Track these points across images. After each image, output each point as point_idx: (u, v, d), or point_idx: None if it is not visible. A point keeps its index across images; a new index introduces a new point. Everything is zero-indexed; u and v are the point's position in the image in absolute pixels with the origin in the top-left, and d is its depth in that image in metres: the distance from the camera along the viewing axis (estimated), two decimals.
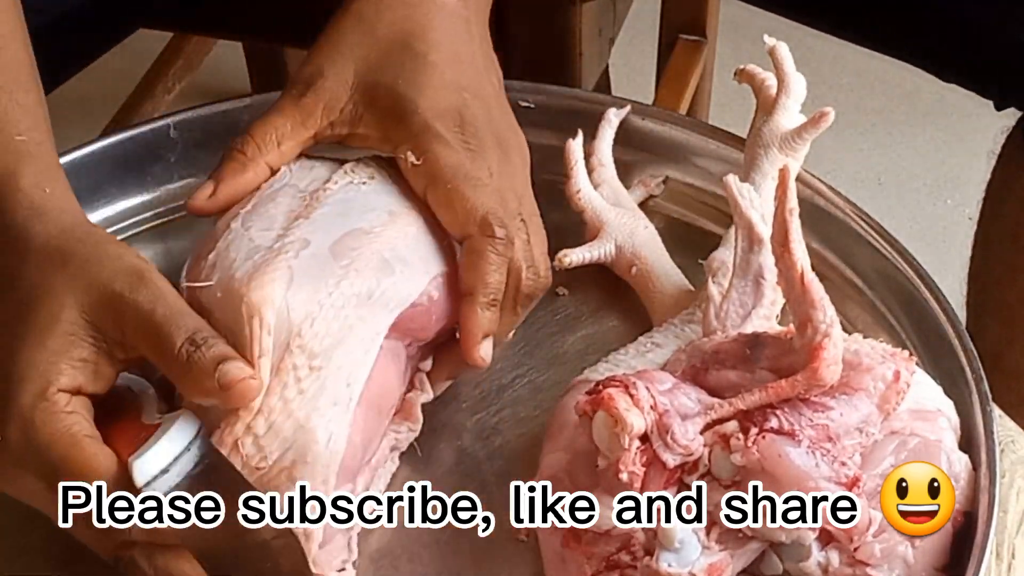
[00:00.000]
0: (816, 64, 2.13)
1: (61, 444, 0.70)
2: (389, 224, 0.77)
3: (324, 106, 0.82)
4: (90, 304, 0.72)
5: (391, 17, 0.83)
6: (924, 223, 2.06)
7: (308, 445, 0.71)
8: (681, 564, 0.71)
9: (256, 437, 0.71)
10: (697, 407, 0.72)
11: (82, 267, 0.73)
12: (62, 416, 0.71)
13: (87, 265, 0.73)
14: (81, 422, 0.71)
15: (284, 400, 0.72)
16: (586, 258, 0.91)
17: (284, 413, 0.71)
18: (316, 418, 0.72)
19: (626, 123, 0.97)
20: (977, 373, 0.80)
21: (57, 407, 0.71)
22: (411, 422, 0.80)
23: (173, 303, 0.73)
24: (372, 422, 0.76)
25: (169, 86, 1.78)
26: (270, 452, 0.71)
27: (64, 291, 0.72)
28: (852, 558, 0.72)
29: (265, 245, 0.75)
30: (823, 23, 1.20)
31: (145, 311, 0.72)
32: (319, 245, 0.74)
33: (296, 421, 0.71)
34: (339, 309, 0.73)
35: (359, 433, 0.75)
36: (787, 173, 0.73)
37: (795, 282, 0.72)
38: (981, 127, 1.99)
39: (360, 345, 0.74)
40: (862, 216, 0.90)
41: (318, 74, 0.82)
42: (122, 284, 0.72)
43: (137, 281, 0.73)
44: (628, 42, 1.63)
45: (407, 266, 0.76)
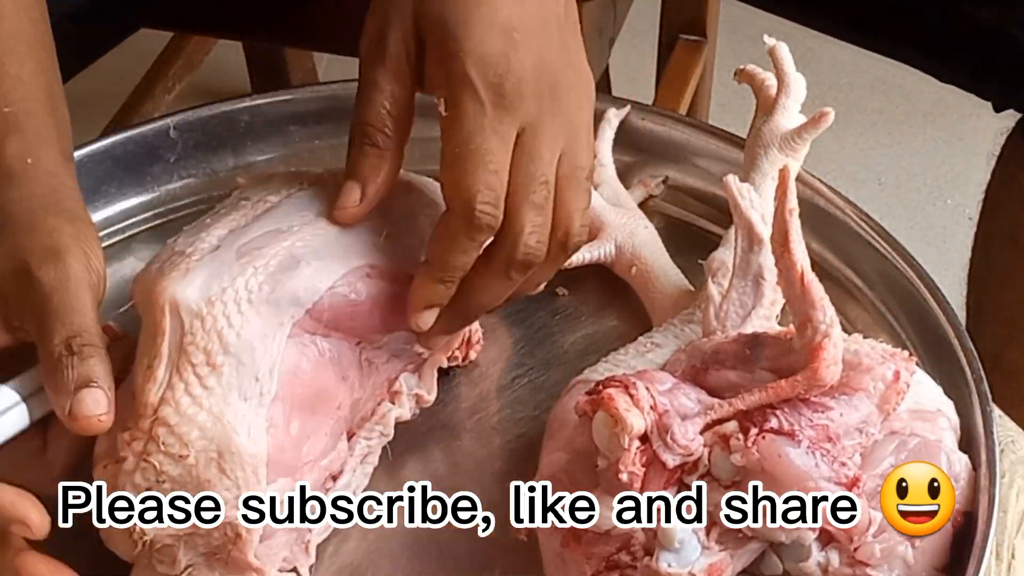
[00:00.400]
0: (816, 64, 2.13)
1: None
2: (310, 223, 0.76)
3: (405, 59, 0.75)
4: (3, 271, 0.71)
5: None
6: (924, 223, 2.06)
7: (228, 436, 0.70)
8: (681, 564, 0.71)
9: (170, 427, 0.70)
10: (697, 407, 0.72)
11: (15, 233, 0.72)
12: None
13: (19, 233, 0.72)
14: None
15: (191, 396, 0.70)
16: (586, 258, 0.91)
17: (195, 406, 0.71)
18: (229, 413, 0.71)
19: (626, 123, 0.97)
20: (977, 373, 0.80)
21: None
22: (383, 427, 0.80)
23: (73, 295, 0.71)
24: (305, 420, 0.75)
25: (169, 86, 1.78)
26: (191, 440, 0.70)
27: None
28: (852, 558, 0.72)
29: (179, 250, 0.75)
30: (823, 24, 1.21)
31: (43, 293, 0.70)
32: (227, 247, 0.74)
33: (210, 413, 0.70)
34: (236, 305, 0.72)
35: (286, 429, 0.73)
36: (787, 173, 0.73)
37: (795, 282, 0.72)
38: (981, 127, 1.99)
39: (263, 341, 0.72)
40: (862, 216, 0.90)
41: (386, 24, 0.75)
42: (36, 258, 0.71)
43: (50, 260, 0.71)
44: (628, 42, 1.63)
45: (318, 259, 0.74)
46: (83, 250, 0.72)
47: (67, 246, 0.72)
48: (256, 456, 0.71)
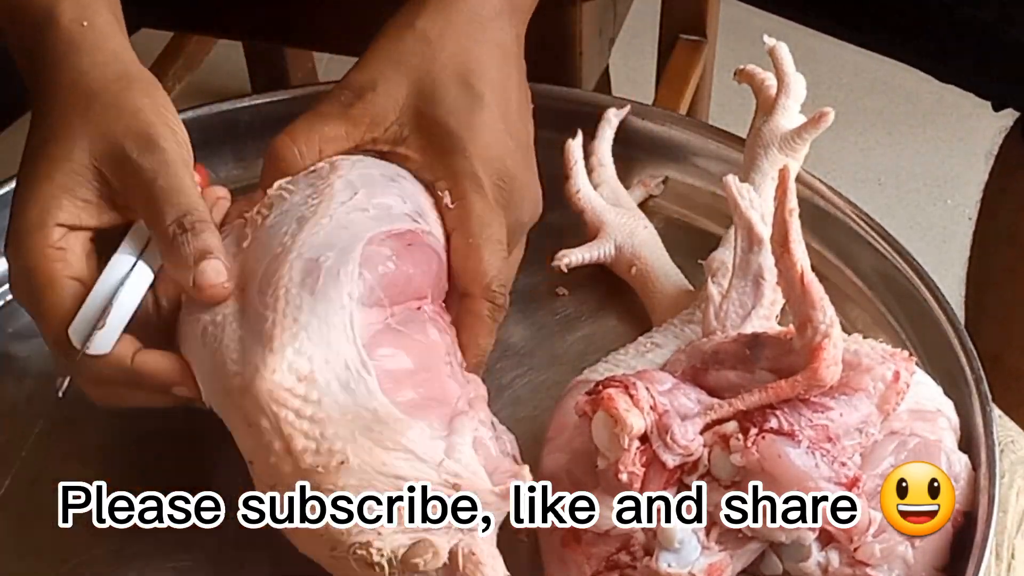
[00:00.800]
0: (816, 64, 2.13)
1: (38, 278, 0.75)
2: (298, 231, 0.76)
3: (371, 120, 0.81)
4: (100, 153, 0.76)
5: (454, 47, 0.82)
6: (924, 223, 2.06)
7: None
8: (681, 564, 0.71)
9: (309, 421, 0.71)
10: (697, 407, 0.72)
11: (101, 113, 0.76)
12: (50, 252, 0.75)
13: (106, 113, 0.76)
14: (68, 260, 0.75)
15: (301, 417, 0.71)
16: (586, 258, 0.91)
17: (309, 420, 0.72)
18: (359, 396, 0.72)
19: (626, 123, 0.97)
20: (977, 373, 0.80)
21: (49, 240, 0.75)
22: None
23: (175, 176, 0.75)
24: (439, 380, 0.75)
25: (169, 86, 1.78)
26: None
27: (80, 133, 0.76)
28: (852, 558, 0.72)
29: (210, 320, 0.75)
30: (823, 23, 1.20)
31: (146, 178, 0.75)
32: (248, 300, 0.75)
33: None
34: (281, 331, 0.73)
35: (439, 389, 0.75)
36: (787, 173, 0.73)
37: (795, 282, 0.72)
38: (981, 127, 1.99)
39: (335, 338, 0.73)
40: (862, 216, 0.90)
41: (370, 86, 0.81)
42: (131, 144, 0.75)
43: (146, 144, 0.75)
44: (628, 42, 1.63)
45: (330, 247, 0.75)
46: (170, 128, 0.77)
47: (157, 129, 0.76)
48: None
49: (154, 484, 0.76)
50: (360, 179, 0.79)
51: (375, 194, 0.79)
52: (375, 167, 0.81)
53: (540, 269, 0.92)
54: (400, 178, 0.81)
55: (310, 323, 0.72)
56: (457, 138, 0.80)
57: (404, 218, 0.78)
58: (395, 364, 0.74)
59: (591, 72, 1.27)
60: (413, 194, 0.80)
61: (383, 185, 0.80)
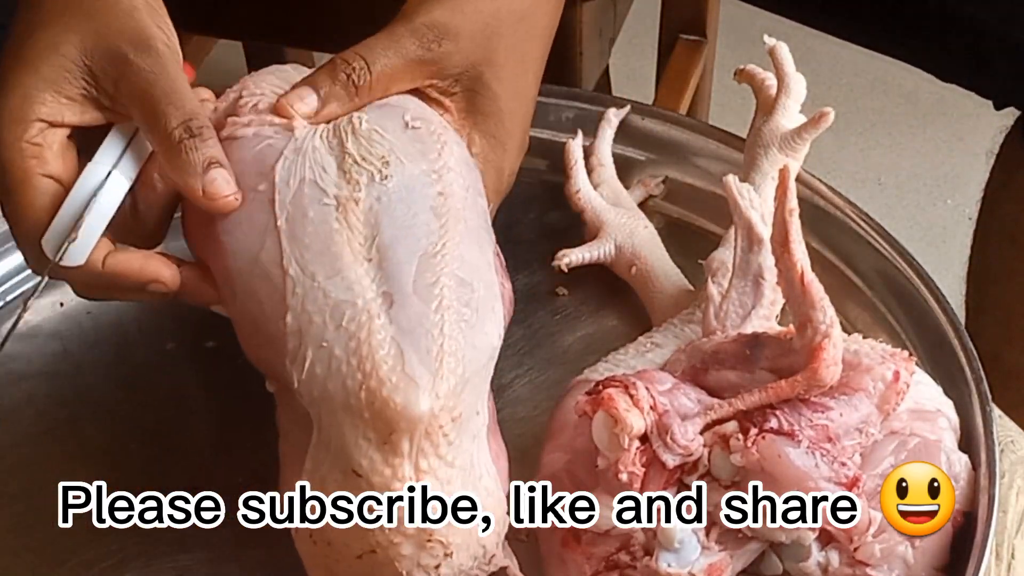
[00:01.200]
0: (816, 64, 2.13)
1: (13, 174, 0.72)
2: (442, 231, 0.73)
3: (439, 70, 0.79)
4: (92, 50, 0.73)
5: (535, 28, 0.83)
6: (924, 223, 2.06)
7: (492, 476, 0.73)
8: (681, 564, 0.71)
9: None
10: (697, 407, 0.72)
11: (94, 10, 0.74)
12: (26, 147, 0.72)
13: (99, 10, 0.74)
14: (44, 157, 0.72)
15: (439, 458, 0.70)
16: (586, 258, 0.91)
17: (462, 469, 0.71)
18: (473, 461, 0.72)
19: (626, 123, 0.97)
20: (977, 373, 0.80)
21: (27, 135, 0.72)
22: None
23: (175, 79, 0.73)
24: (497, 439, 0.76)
25: None
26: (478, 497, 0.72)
27: (71, 27, 0.73)
28: (852, 558, 0.72)
29: (346, 300, 0.70)
30: (823, 23, 1.20)
31: (146, 79, 0.73)
32: (401, 293, 0.70)
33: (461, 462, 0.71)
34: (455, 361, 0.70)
35: (496, 447, 0.75)
36: (787, 173, 0.73)
37: (795, 282, 0.72)
38: (981, 127, 1.99)
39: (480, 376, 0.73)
40: (862, 216, 0.90)
41: (453, 36, 0.79)
42: (128, 44, 0.73)
43: (144, 46, 0.73)
44: (628, 42, 1.63)
45: (479, 277, 0.73)
46: (164, 31, 0.75)
47: (152, 31, 0.74)
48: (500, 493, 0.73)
49: (154, 484, 0.76)
50: (465, 166, 0.77)
51: (478, 191, 0.77)
52: (460, 144, 0.79)
53: (540, 269, 0.92)
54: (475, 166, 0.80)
55: (467, 357, 0.70)
56: (504, 129, 0.81)
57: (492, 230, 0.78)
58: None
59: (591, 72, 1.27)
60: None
61: (477, 179, 0.79)
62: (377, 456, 0.69)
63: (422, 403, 0.68)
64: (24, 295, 0.92)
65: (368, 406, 0.68)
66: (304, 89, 0.78)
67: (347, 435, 0.69)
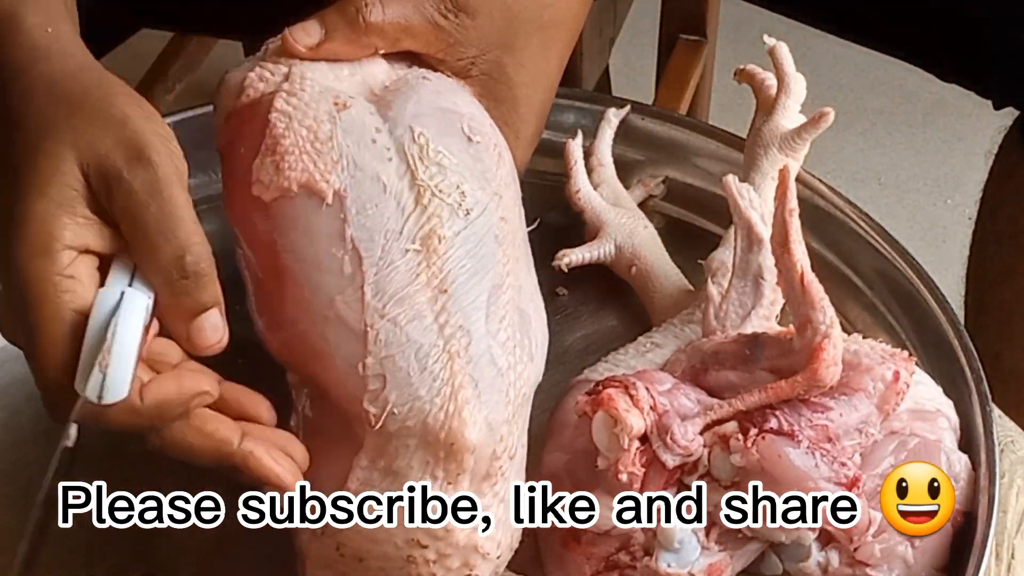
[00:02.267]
0: (816, 64, 2.12)
1: (43, 311, 0.66)
2: (505, 260, 0.73)
3: (454, 44, 0.79)
4: (88, 164, 0.68)
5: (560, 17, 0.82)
6: (924, 223, 2.06)
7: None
8: (680, 564, 0.71)
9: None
10: (697, 408, 0.72)
11: (86, 122, 0.69)
12: (58, 280, 0.66)
13: (92, 122, 0.69)
14: (75, 291, 0.67)
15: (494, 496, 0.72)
16: (586, 258, 0.91)
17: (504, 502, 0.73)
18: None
19: (626, 123, 0.97)
20: (977, 373, 0.80)
21: (57, 267, 0.66)
22: None
23: (169, 200, 0.68)
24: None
25: (169, 86, 1.78)
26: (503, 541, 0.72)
27: (67, 143, 0.68)
28: (852, 558, 0.72)
29: (430, 342, 0.70)
30: (823, 23, 1.20)
31: (137, 203, 0.68)
32: (477, 333, 0.71)
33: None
34: (523, 405, 0.73)
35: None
36: (787, 173, 0.73)
37: (795, 283, 0.72)
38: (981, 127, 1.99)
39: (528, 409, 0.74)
40: (862, 216, 0.90)
41: (472, 12, 0.78)
42: (121, 158, 0.68)
43: (135, 159, 0.68)
44: (628, 42, 1.63)
45: (532, 300, 0.75)
46: (161, 136, 0.70)
47: (147, 139, 0.69)
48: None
49: (154, 484, 0.76)
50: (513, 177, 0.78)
51: (518, 193, 0.78)
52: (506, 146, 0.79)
53: (540, 269, 0.92)
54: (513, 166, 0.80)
55: (524, 389, 0.72)
56: (518, 118, 0.80)
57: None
58: None
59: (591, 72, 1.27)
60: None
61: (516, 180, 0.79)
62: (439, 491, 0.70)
63: (491, 441, 0.70)
64: None
65: (446, 445, 0.69)
66: (310, 22, 0.77)
67: (415, 469, 0.70)
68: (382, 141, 0.73)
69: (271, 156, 0.72)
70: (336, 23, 0.77)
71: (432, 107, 0.75)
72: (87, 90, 0.70)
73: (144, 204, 0.67)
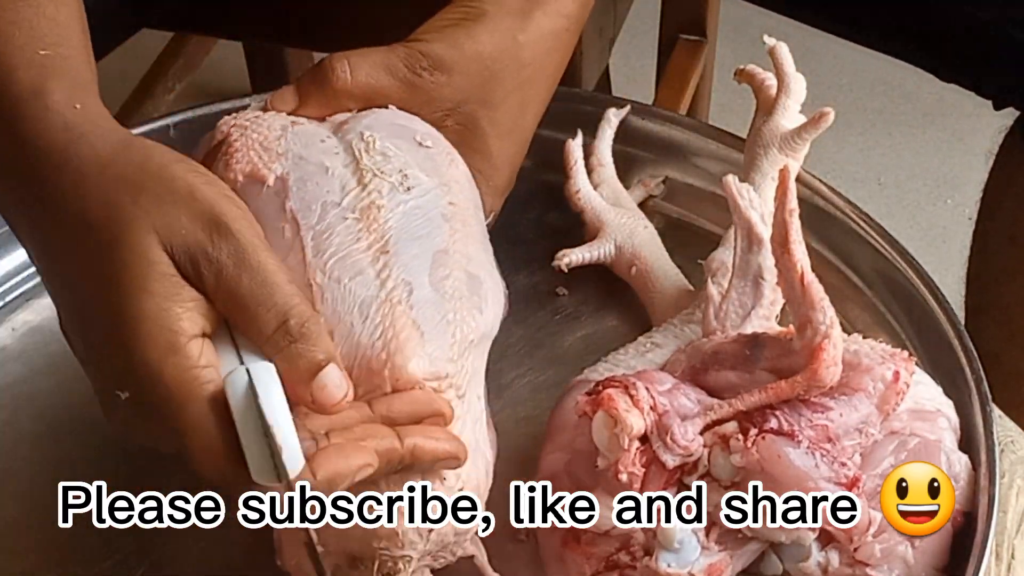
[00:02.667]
0: (816, 64, 2.13)
1: (193, 411, 0.64)
2: (452, 232, 0.76)
3: (429, 99, 0.80)
4: (174, 247, 0.66)
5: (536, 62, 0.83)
6: (924, 223, 2.06)
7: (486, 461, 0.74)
8: (680, 564, 0.71)
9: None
10: (697, 408, 0.72)
11: (155, 202, 0.67)
12: (196, 373, 0.64)
13: (160, 201, 0.67)
14: (213, 380, 0.65)
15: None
16: (586, 258, 0.91)
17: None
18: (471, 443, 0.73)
19: (626, 123, 0.97)
20: (977, 373, 0.80)
21: (191, 361, 0.65)
22: None
23: (258, 268, 0.67)
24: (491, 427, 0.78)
25: (169, 86, 1.78)
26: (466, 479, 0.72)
27: (144, 228, 0.66)
28: (852, 558, 0.72)
29: (371, 295, 0.72)
30: (823, 22, 1.20)
31: (229, 275, 0.66)
32: (420, 284, 0.73)
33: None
34: (469, 347, 0.73)
35: (491, 435, 0.77)
36: (787, 174, 0.73)
37: (795, 283, 0.72)
38: (981, 127, 1.99)
39: (479, 365, 0.76)
40: (862, 216, 0.90)
41: (446, 69, 0.80)
42: (203, 233, 0.66)
43: (216, 232, 0.67)
44: (628, 42, 1.63)
45: (484, 268, 0.77)
46: (231, 199, 0.69)
47: (222, 207, 0.67)
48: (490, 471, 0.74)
49: (154, 484, 0.76)
50: (469, 183, 0.80)
51: (475, 200, 0.80)
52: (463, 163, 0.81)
53: (540, 269, 0.92)
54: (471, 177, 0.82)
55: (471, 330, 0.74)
56: (491, 167, 0.82)
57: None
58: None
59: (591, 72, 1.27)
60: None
61: (476, 192, 0.81)
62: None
63: (429, 359, 0.71)
64: (25, 294, 0.92)
65: (392, 381, 0.71)
66: (287, 89, 0.80)
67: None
68: (331, 142, 0.77)
69: (224, 157, 0.76)
70: (309, 90, 0.80)
71: (386, 122, 0.79)
72: (142, 166, 0.68)
73: (236, 278, 0.67)
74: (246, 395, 0.64)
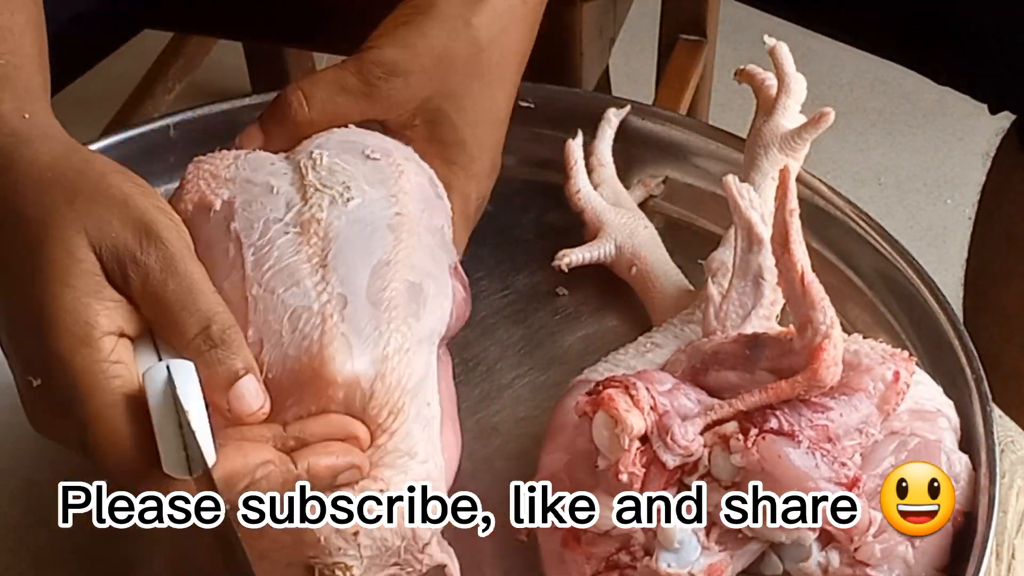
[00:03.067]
0: (816, 64, 2.12)
1: (97, 402, 0.66)
2: (396, 243, 0.76)
3: (390, 105, 0.82)
4: (103, 248, 0.68)
5: (498, 57, 0.84)
6: (924, 223, 2.06)
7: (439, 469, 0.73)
8: (681, 564, 0.71)
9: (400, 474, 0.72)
10: (697, 408, 0.72)
11: (89, 205, 0.69)
12: (105, 367, 0.66)
13: (94, 204, 0.69)
14: (123, 375, 0.66)
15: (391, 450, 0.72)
16: (586, 258, 0.91)
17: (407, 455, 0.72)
18: (420, 447, 0.72)
19: (626, 123, 0.97)
20: (977, 373, 0.80)
21: (102, 355, 0.66)
22: None
23: (185, 275, 0.69)
24: (454, 430, 0.78)
25: (169, 86, 1.78)
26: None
27: (75, 228, 0.68)
28: (852, 558, 0.72)
29: (304, 305, 0.72)
30: (821, 25, 1.20)
31: (156, 280, 0.68)
32: (355, 296, 0.73)
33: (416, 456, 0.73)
34: (401, 354, 0.73)
35: (452, 438, 0.76)
36: (787, 174, 0.73)
37: (795, 283, 0.72)
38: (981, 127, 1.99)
39: (428, 374, 0.75)
40: (862, 216, 0.90)
41: (401, 72, 0.81)
42: (132, 238, 0.68)
43: (146, 238, 0.69)
44: (628, 42, 1.63)
45: (430, 277, 0.76)
46: (163, 211, 0.70)
47: (152, 215, 0.69)
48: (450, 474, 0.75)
49: None
50: (421, 192, 0.80)
51: (434, 213, 0.80)
52: (423, 172, 0.82)
53: (540, 269, 0.92)
54: (441, 193, 0.82)
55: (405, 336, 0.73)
56: (467, 156, 0.83)
57: (453, 247, 0.81)
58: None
59: (591, 72, 1.27)
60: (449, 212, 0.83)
61: (437, 203, 0.81)
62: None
63: (357, 366, 0.71)
64: None
65: (319, 392, 0.71)
66: (252, 128, 0.82)
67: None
68: (280, 165, 0.79)
69: (178, 191, 0.78)
70: (271, 129, 0.82)
71: (336, 140, 0.81)
72: (81, 172, 0.70)
73: (163, 282, 0.68)
74: (164, 389, 0.65)
